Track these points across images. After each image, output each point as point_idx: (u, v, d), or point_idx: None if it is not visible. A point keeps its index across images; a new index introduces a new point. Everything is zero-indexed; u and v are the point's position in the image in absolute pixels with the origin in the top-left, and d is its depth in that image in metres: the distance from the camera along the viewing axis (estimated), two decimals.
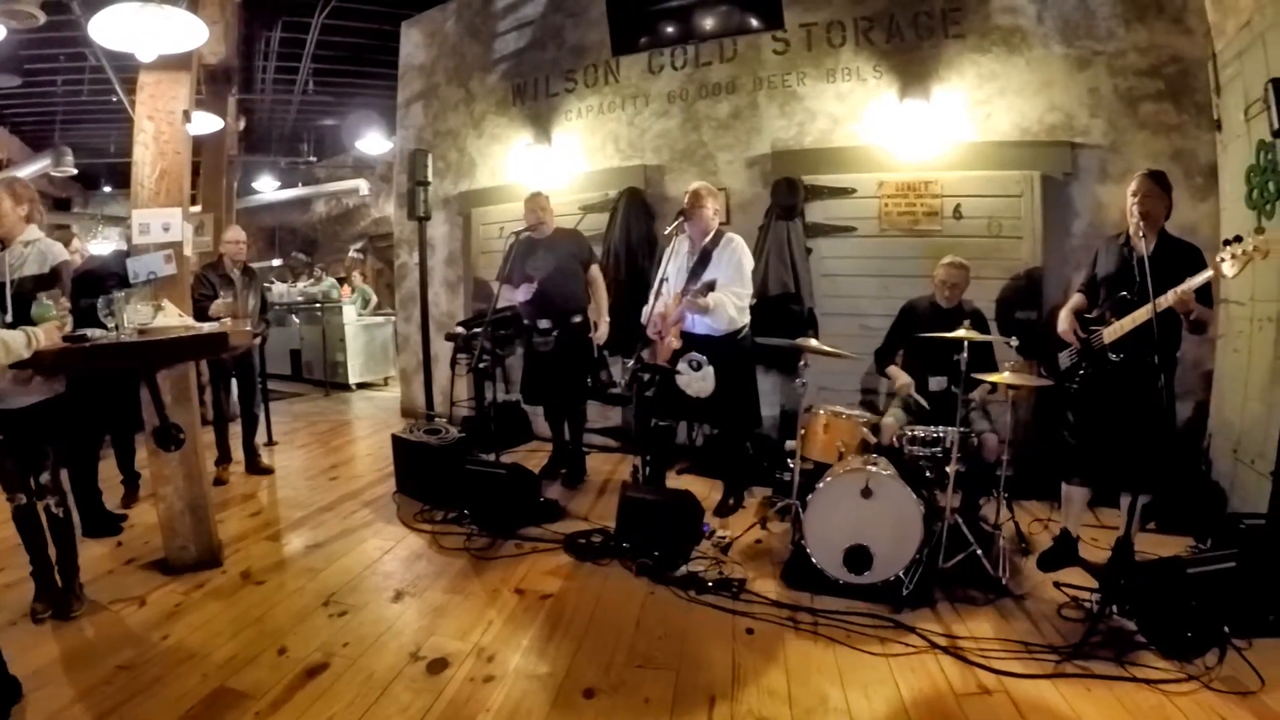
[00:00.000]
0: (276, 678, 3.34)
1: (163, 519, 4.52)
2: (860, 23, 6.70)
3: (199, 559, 4.54)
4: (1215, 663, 3.44)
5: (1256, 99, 4.78)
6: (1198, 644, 3.53)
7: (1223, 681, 3.33)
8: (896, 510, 4.13)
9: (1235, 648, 3.52)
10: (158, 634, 3.72)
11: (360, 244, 16.34)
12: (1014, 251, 6.35)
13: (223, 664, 3.45)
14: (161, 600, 4.11)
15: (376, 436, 8.32)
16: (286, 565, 4.69)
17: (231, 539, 5.02)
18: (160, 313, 3.90)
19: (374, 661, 3.50)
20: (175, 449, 4.17)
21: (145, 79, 4.61)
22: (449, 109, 8.85)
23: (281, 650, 3.58)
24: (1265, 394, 4.93)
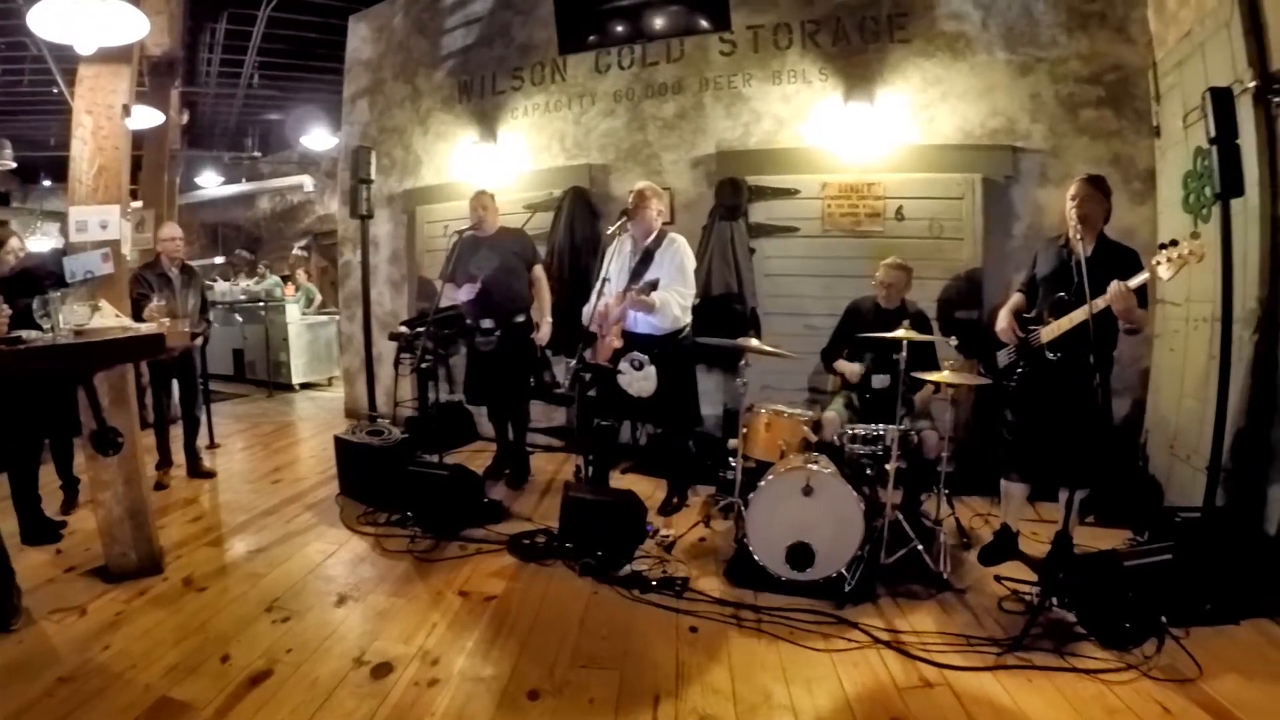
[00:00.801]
0: (220, 686, 3.23)
1: (102, 525, 4.36)
2: (807, 26, 6.71)
3: (140, 566, 4.37)
4: (1154, 652, 3.53)
5: (1195, 107, 4.85)
6: (1136, 634, 3.61)
7: (1161, 670, 3.40)
8: (837, 508, 4.16)
9: (1173, 637, 3.62)
10: (99, 644, 3.58)
11: (304, 241, 16.01)
12: (955, 252, 6.41)
13: (165, 673, 3.33)
14: (102, 609, 3.96)
15: (320, 438, 8.16)
16: (229, 571, 4.55)
17: (173, 545, 4.86)
18: (97, 313, 3.78)
19: (318, 667, 3.41)
20: (114, 453, 4.03)
21: (85, 72, 4.44)
22: (395, 105, 8.72)
23: (225, 658, 3.47)
24: (1199, 391, 5.01)
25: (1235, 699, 3.19)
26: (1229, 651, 3.57)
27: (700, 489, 6.04)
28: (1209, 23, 4.92)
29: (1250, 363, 4.52)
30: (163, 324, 4.42)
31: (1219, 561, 3.92)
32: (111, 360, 4.03)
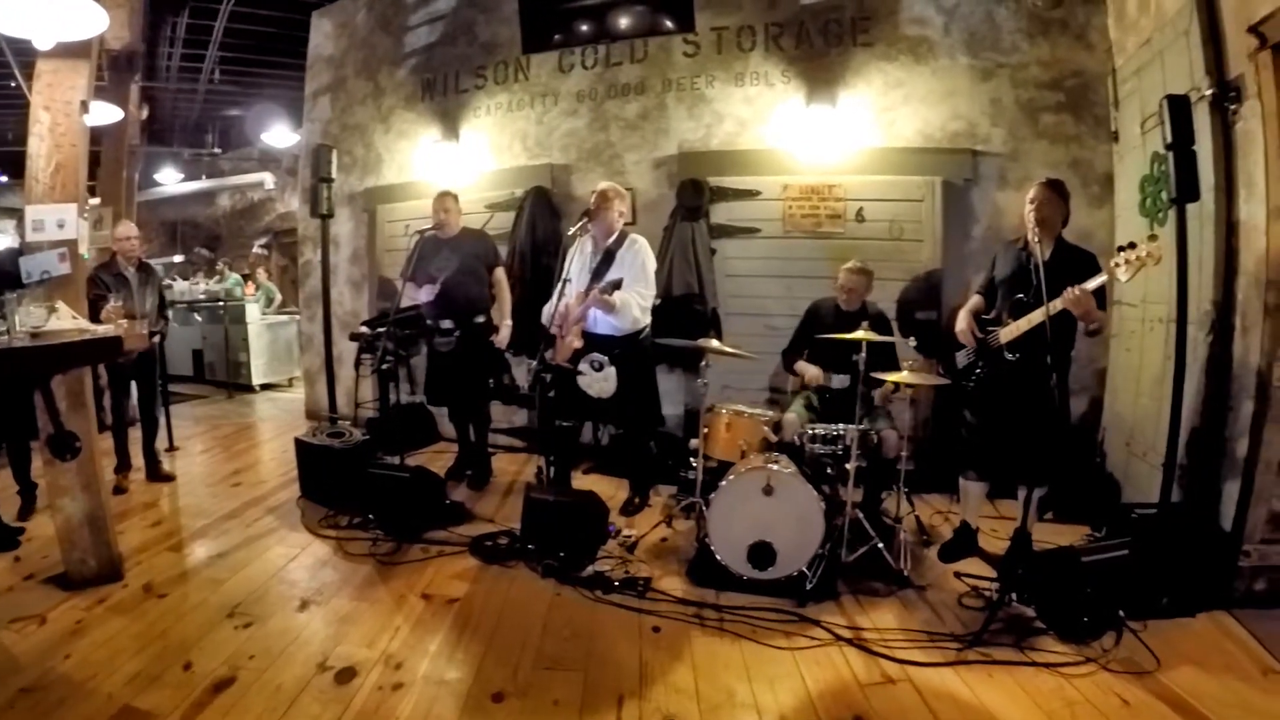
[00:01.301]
0: (183, 695, 3.16)
1: (60, 532, 4.24)
2: (771, 28, 6.73)
3: (100, 572, 4.26)
4: (1112, 645, 3.61)
5: (1153, 113, 4.90)
6: (1094, 628, 3.69)
7: (1120, 663, 3.48)
8: (798, 507, 4.17)
9: (1131, 630, 3.70)
10: (60, 653, 3.49)
11: (265, 239, 15.81)
12: (915, 254, 6.46)
13: (128, 682, 3.25)
14: (62, 617, 3.86)
15: (280, 440, 8.03)
16: (190, 576, 4.46)
17: (133, 550, 4.75)
18: (54, 315, 3.69)
19: (281, 673, 3.35)
20: (71, 458, 3.91)
21: (43, 67, 4.33)
22: (357, 103, 8.62)
23: (187, 665, 3.40)
24: (1155, 390, 5.06)
25: (1192, 690, 3.27)
26: (1186, 644, 3.66)
27: (662, 489, 6.04)
28: (1168, 31, 4.97)
29: (1204, 363, 4.57)
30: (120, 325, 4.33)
31: (1175, 556, 4.01)
32: (69, 364, 3.92)
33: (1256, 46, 4.08)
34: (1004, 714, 3.13)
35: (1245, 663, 3.54)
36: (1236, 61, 4.34)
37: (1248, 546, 4.08)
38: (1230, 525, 4.19)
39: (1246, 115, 4.29)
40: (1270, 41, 3.99)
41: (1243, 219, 4.40)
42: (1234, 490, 4.21)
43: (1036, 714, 3.13)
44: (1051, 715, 3.11)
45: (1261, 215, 4.15)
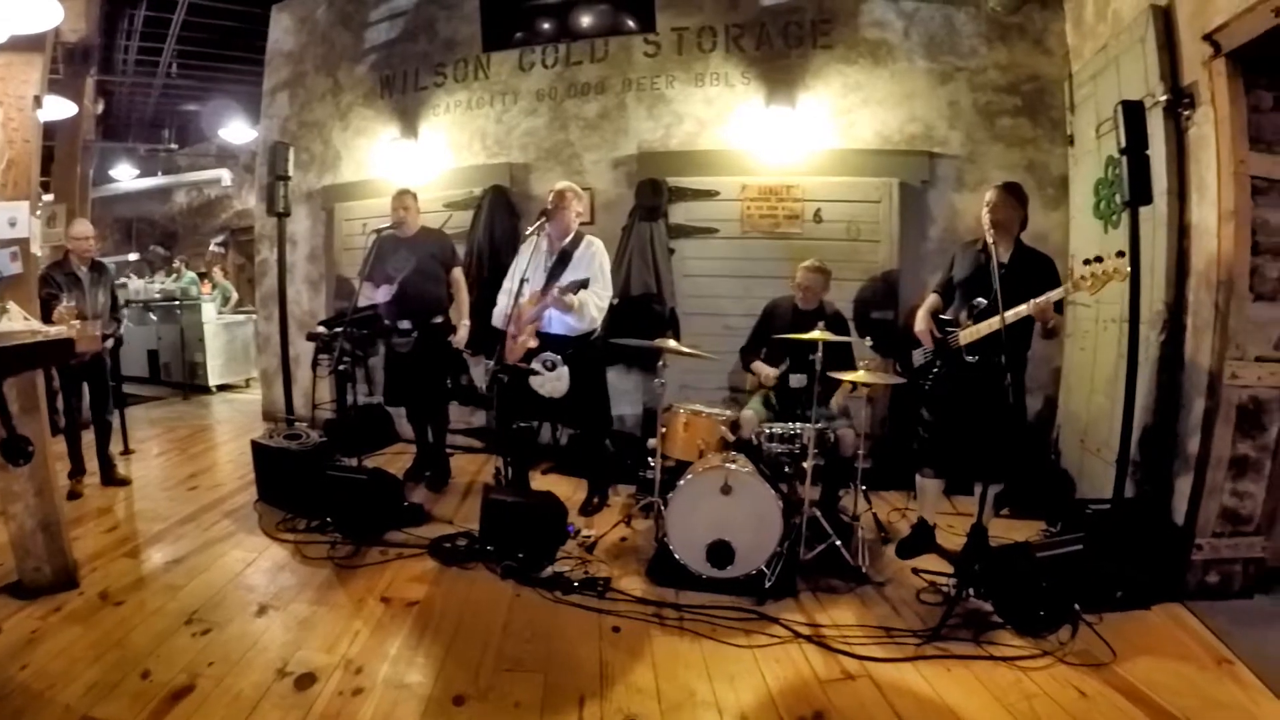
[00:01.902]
0: (141, 704, 3.07)
1: (14, 539, 4.12)
2: (732, 29, 6.74)
3: (55, 580, 4.14)
4: (1068, 638, 3.65)
5: (1108, 118, 4.94)
6: (1050, 621, 3.73)
7: (1076, 655, 3.52)
8: (756, 506, 4.18)
9: (1087, 623, 3.75)
10: (16, 664, 3.38)
11: (222, 237, 15.55)
12: (872, 255, 6.49)
13: (85, 692, 3.15)
14: (17, 627, 3.74)
15: (237, 442, 7.90)
16: (146, 583, 4.34)
17: (88, 557, 4.62)
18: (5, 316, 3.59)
19: (240, 680, 3.27)
20: (24, 463, 3.78)
21: None
22: (316, 99, 8.49)
23: (145, 674, 3.30)
24: (1109, 388, 5.13)
25: (1147, 680, 3.32)
26: (1141, 635, 3.73)
27: (621, 489, 6.00)
28: (1124, 38, 5.03)
29: (1157, 362, 4.65)
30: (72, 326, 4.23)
31: (1129, 550, 4.10)
32: (20, 366, 3.80)
33: (1210, 54, 4.14)
34: (962, 708, 3.14)
35: (1199, 653, 3.61)
36: (1191, 69, 4.42)
37: (1200, 540, 4.16)
38: (1183, 519, 4.27)
39: (1199, 121, 4.37)
40: (1224, 50, 4.05)
41: (1194, 222, 4.48)
42: (1186, 485, 4.30)
43: (994, 707, 3.15)
44: (1009, 708, 3.14)
45: (1213, 219, 4.22)
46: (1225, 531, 4.18)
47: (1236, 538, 4.18)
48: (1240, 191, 4.08)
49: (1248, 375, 4.11)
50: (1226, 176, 4.11)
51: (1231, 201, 4.09)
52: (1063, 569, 3.82)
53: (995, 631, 3.76)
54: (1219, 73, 4.11)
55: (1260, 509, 4.20)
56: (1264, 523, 4.21)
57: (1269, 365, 4.13)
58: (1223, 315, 4.15)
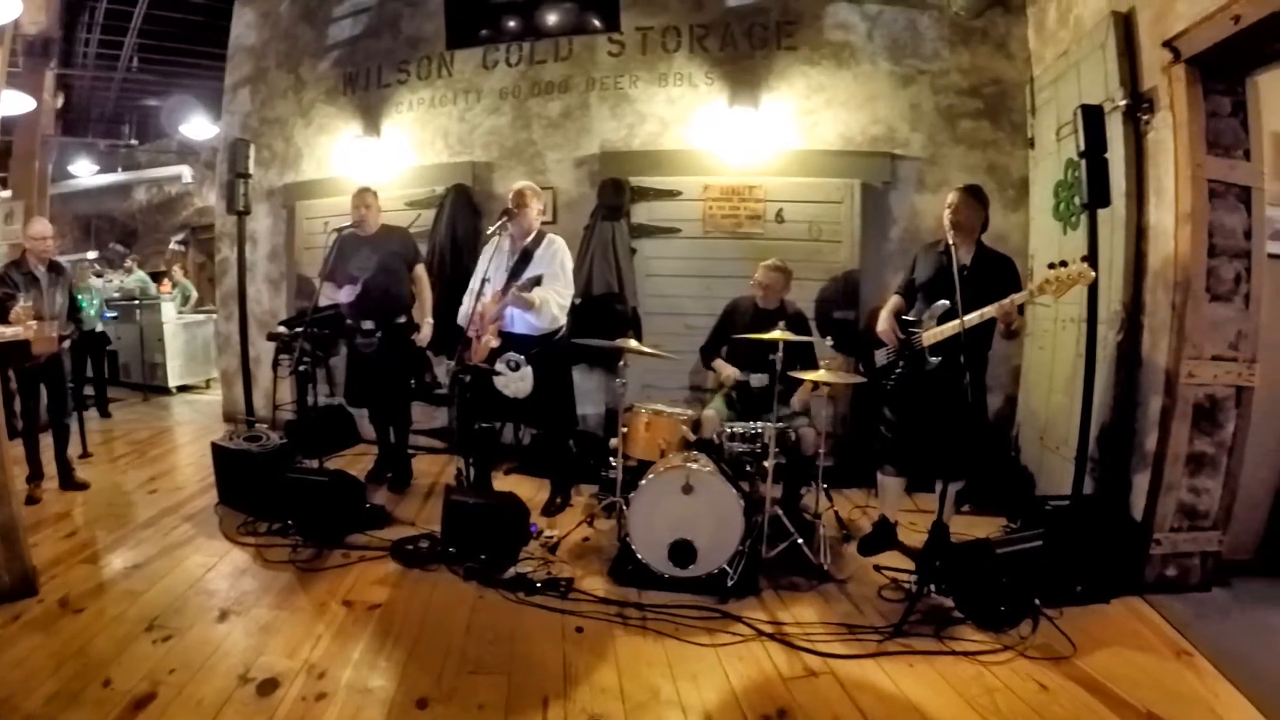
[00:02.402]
0: (103, 713, 3.01)
1: None
2: (696, 29, 6.73)
3: (13, 588, 4.02)
4: (1029, 632, 3.71)
5: (1068, 122, 4.94)
6: (1011, 616, 3.78)
7: (1037, 649, 3.59)
8: (717, 505, 4.19)
9: (1047, 617, 3.81)
10: None
11: (182, 235, 15.26)
12: (833, 255, 6.51)
13: (46, 702, 3.08)
14: None
15: (198, 444, 7.69)
16: (107, 589, 4.24)
17: (47, 563, 4.50)
18: None
19: (203, 687, 3.21)
20: None
21: None
22: (278, 95, 8.36)
23: (106, 682, 3.23)
24: (1067, 387, 5.18)
25: (1107, 673, 3.38)
26: (1100, 629, 3.79)
27: (583, 489, 5.98)
28: (1085, 43, 5.09)
29: (1115, 361, 4.70)
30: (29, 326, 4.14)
31: (1088, 545, 4.14)
32: None
33: (1170, 60, 4.20)
34: (925, 703, 3.17)
35: (1158, 645, 3.68)
36: (1150, 74, 4.48)
37: (1158, 535, 4.22)
38: (1141, 515, 4.33)
39: (1158, 126, 4.44)
40: (1184, 56, 4.11)
41: (1152, 224, 4.54)
42: (1144, 482, 4.37)
43: (957, 702, 3.18)
44: (971, 702, 3.17)
45: (1170, 221, 4.29)
46: (1183, 526, 4.25)
47: (1194, 532, 4.26)
48: (1197, 195, 4.13)
49: (1204, 374, 4.18)
50: (1184, 180, 4.16)
51: (1189, 204, 4.14)
52: (1023, 564, 3.87)
53: (957, 627, 3.80)
54: (1178, 78, 4.17)
55: (1217, 504, 4.28)
56: (1221, 517, 4.28)
57: (1225, 364, 4.20)
58: (1179, 315, 4.20)
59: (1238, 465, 4.29)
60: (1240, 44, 3.83)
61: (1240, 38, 3.74)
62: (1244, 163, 4.23)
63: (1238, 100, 4.23)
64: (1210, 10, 3.86)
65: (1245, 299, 4.24)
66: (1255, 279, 4.24)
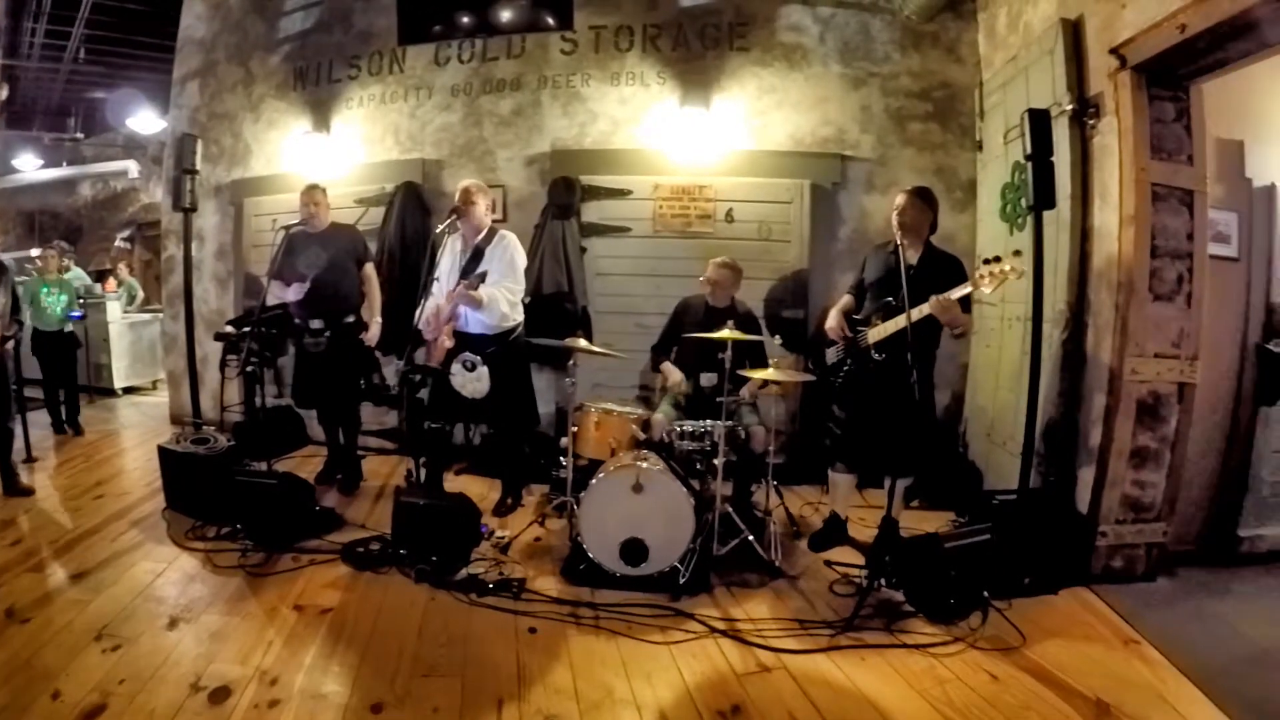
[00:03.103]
0: None
1: None
2: (649, 29, 6.71)
3: None
4: (979, 624, 3.78)
5: (1015, 125, 5.04)
6: (961, 609, 3.86)
7: (987, 640, 3.65)
8: (667, 503, 4.19)
9: (996, 609, 3.88)
10: None
11: (128, 232, 14.93)
12: (782, 254, 6.52)
13: None
14: None
15: (144, 447, 7.48)
16: (53, 598, 4.11)
17: None
18: None
19: (153, 697, 3.12)
20: None
21: None
22: (226, 89, 8.18)
23: (55, 694, 3.12)
24: (1014, 384, 5.22)
25: (1056, 662, 3.46)
26: (1049, 619, 3.86)
27: (535, 488, 5.93)
28: (1034, 49, 5.16)
29: (1060, 359, 4.78)
30: None
31: (1035, 538, 4.21)
32: None
33: (1117, 67, 4.29)
34: (878, 695, 3.20)
35: (1106, 634, 3.75)
36: (1097, 80, 4.56)
37: (1104, 527, 4.30)
38: (1086, 508, 4.42)
39: (1104, 130, 4.52)
40: (1130, 63, 4.20)
41: (1097, 225, 4.63)
42: (1089, 476, 4.45)
43: (909, 693, 3.22)
44: (924, 694, 3.21)
45: (1114, 223, 4.38)
46: (1128, 519, 4.34)
47: (1139, 524, 4.35)
48: (1141, 198, 4.22)
49: (1147, 371, 4.27)
50: (1128, 183, 4.25)
51: (1133, 207, 4.23)
52: (972, 558, 3.93)
53: (907, 620, 3.84)
54: (1124, 85, 4.26)
55: (1161, 497, 4.37)
56: (1165, 509, 4.38)
57: (1167, 362, 4.29)
58: (1123, 314, 4.30)
59: (1181, 459, 4.39)
60: (1186, 52, 3.93)
61: (1186, 46, 3.83)
62: (1187, 167, 4.32)
63: (1182, 106, 4.32)
64: (1157, 19, 3.93)
65: (1187, 299, 4.33)
66: (1197, 279, 4.33)
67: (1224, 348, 4.66)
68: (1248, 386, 4.71)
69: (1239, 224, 4.69)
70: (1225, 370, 4.68)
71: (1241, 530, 4.69)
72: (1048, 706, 3.13)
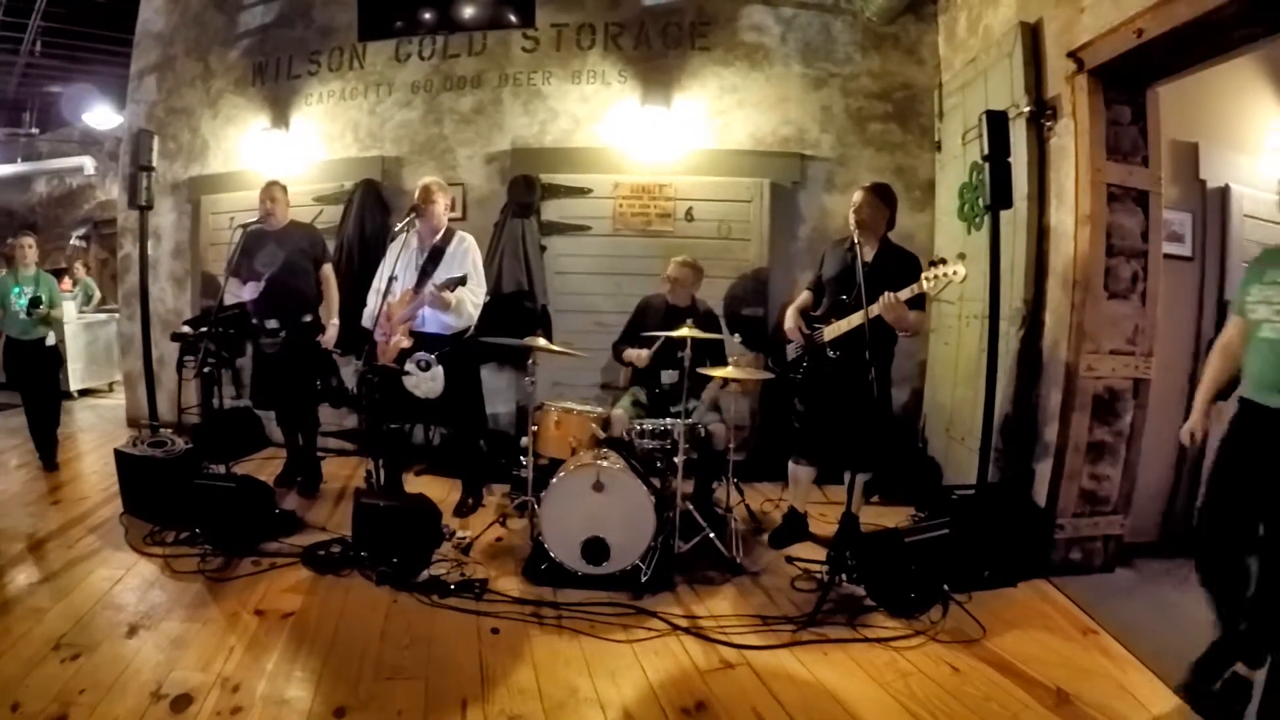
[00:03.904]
0: None
1: None
2: (611, 28, 6.68)
3: None
4: (940, 617, 3.82)
5: (974, 126, 5.11)
6: (922, 602, 3.90)
7: (948, 633, 3.69)
8: (628, 501, 4.17)
9: (957, 602, 3.93)
10: None
11: (84, 230, 14.51)
12: (742, 253, 6.51)
13: None
14: None
15: (102, 450, 7.26)
16: (10, 607, 3.97)
17: None
18: None
19: (114, 707, 3.03)
20: None
21: None
22: (185, 84, 8.00)
23: (15, 706, 3.03)
24: (972, 381, 5.28)
25: (1017, 653, 3.50)
26: (1009, 611, 3.90)
27: (495, 488, 5.88)
28: (994, 52, 5.21)
29: (1017, 356, 4.82)
30: None
31: (994, 532, 4.24)
32: None
33: (1074, 70, 4.34)
34: (841, 689, 3.20)
35: (1065, 625, 3.81)
36: (1055, 83, 4.63)
37: (1061, 520, 4.36)
38: (1044, 502, 4.48)
39: (1060, 132, 4.58)
40: (1087, 66, 4.25)
41: (1053, 225, 4.68)
42: (1046, 470, 4.51)
43: (871, 687, 3.23)
44: (886, 687, 3.23)
45: (1070, 222, 4.43)
46: (1085, 512, 4.40)
47: (1096, 517, 4.41)
48: (1097, 198, 4.28)
49: (1102, 367, 4.32)
50: (1084, 184, 4.31)
51: (1088, 207, 4.29)
52: (932, 552, 3.93)
53: (869, 615, 3.86)
54: (1081, 88, 4.32)
55: (1118, 490, 4.45)
56: (1121, 502, 4.46)
57: (1123, 358, 4.35)
58: (1079, 312, 4.35)
59: (1137, 453, 4.46)
60: (1142, 56, 3.98)
61: (1142, 50, 3.89)
62: (1142, 168, 4.39)
63: (1138, 109, 4.39)
64: (1115, 24, 3.99)
65: (1142, 296, 4.40)
66: (1152, 277, 4.40)
67: (1178, 344, 4.74)
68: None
69: (1193, 224, 4.78)
70: (1180, 366, 4.75)
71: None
72: (1008, 697, 3.15)
